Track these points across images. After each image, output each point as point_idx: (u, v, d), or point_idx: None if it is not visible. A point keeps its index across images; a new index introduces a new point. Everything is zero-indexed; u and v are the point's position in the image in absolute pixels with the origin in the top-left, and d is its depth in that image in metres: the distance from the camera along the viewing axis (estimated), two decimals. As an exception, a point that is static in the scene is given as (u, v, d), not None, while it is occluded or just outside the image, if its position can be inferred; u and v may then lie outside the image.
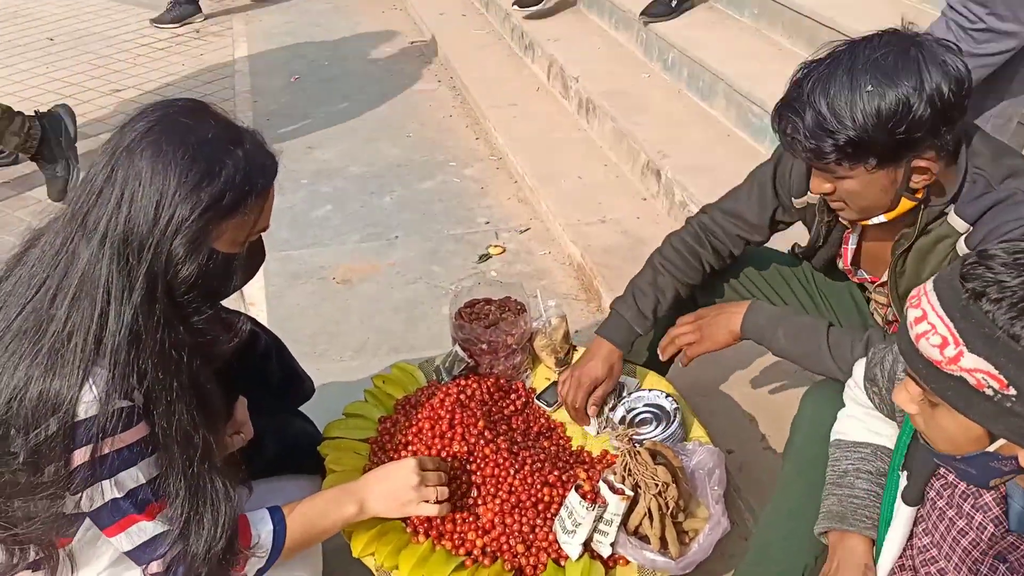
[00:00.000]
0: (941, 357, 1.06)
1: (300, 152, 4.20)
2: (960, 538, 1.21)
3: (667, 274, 1.94)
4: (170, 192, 1.23)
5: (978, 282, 1.03)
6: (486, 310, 2.13)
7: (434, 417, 1.85)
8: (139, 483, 1.29)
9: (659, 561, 1.58)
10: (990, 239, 1.44)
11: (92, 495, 1.27)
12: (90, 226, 1.24)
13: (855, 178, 1.46)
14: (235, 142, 1.30)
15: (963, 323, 1.04)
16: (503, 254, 3.33)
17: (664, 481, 1.64)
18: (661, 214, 3.35)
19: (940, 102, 1.37)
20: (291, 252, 3.36)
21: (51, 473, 1.23)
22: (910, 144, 1.40)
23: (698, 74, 3.81)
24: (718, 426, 2.20)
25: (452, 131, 4.44)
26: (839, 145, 1.39)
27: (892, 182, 1.46)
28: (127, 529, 1.30)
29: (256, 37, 5.83)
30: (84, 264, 1.24)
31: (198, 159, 1.25)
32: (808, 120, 1.40)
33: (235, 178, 1.27)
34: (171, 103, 1.33)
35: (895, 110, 1.36)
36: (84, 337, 1.22)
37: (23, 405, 1.21)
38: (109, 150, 1.27)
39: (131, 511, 1.29)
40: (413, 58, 5.46)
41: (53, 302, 1.24)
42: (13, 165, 4.10)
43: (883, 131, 1.37)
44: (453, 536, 1.66)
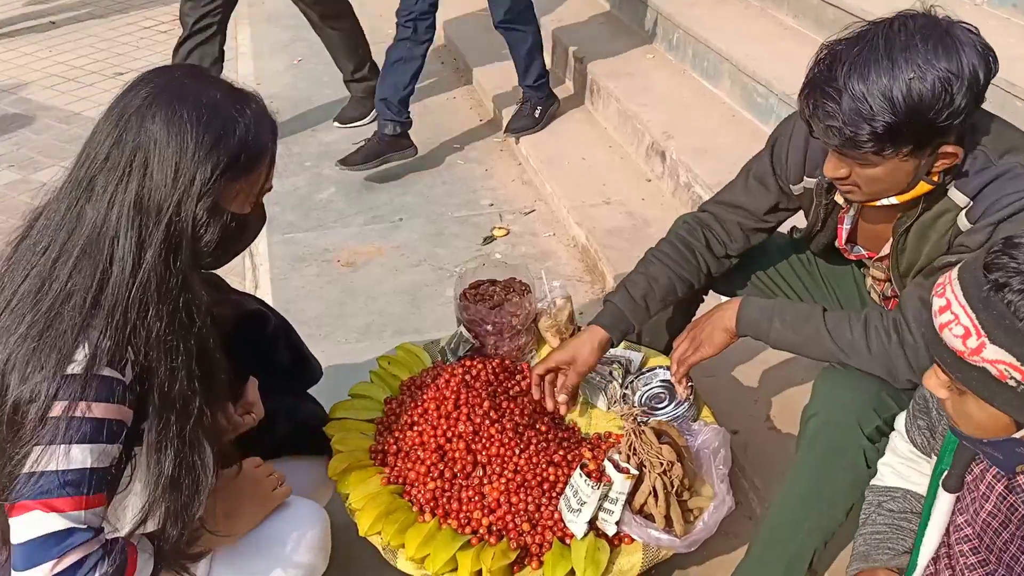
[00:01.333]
0: (964, 348, 1.06)
1: (304, 134, 4.20)
2: (991, 519, 1.21)
3: (658, 263, 1.89)
4: (188, 154, 1.23)
5: (1001, 272, 1.03)
6: (491, 291, 2.13)
7: (440, 398, 1.86)
8: (84, 466, 1.20)
9: (664, 539, 1.59)
10: (990, 212, 1.44)
11: (44, 456, 1.18)
12: (97, 190, 1.24)
13: (881, 165, 1.42)
14: (242, 103, 1.31)
15: (985, 314, 1.04)
16: (507, 236, 3.33)
17: (669, 460, 1.65)
18: (666, 195, 3.34)
19: (977, 87, 1.35)
20: (295, 235, 3.36)
21: (33, 414, 1.18)
22: (945, 130, 1.38)
23: (703, 54, 3.79)
24: (723, 406, 2.21)
25: (456, 113, 4.43)
26: (877, 133, 1.35)
27: (916, 168, 1.44)
28: (35, 511, 1.17)
29: (258, 19, 5.81)
30: (89, 227, 1.23)
31: (213, 120, 1.25)
32: (845, 106, 1.35)
33: (248, 137, 1.29)
34: (170, 68, 1.33)
35: (937, 96, 1.33)
36: (83, 297, 1.21)
37: (15, 370, 1.19)
38: (114, 115, 1.26)
39: (59, 494, 1.18)
40: (416, 40, 5.43)
41: (56, 264, 1.24)
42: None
43: (922, 118, 1.34)
44: (459, 515, 1.67)
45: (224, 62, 4.02)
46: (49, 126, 4.48)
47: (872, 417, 1.55)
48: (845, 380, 1.60)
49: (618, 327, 1.87)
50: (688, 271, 1.89)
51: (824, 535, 1.62)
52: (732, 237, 1.89)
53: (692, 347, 1.80)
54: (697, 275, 1.90)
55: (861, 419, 1.55)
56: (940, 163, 1.44)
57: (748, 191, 1.84)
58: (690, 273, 1.89)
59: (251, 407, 1.63)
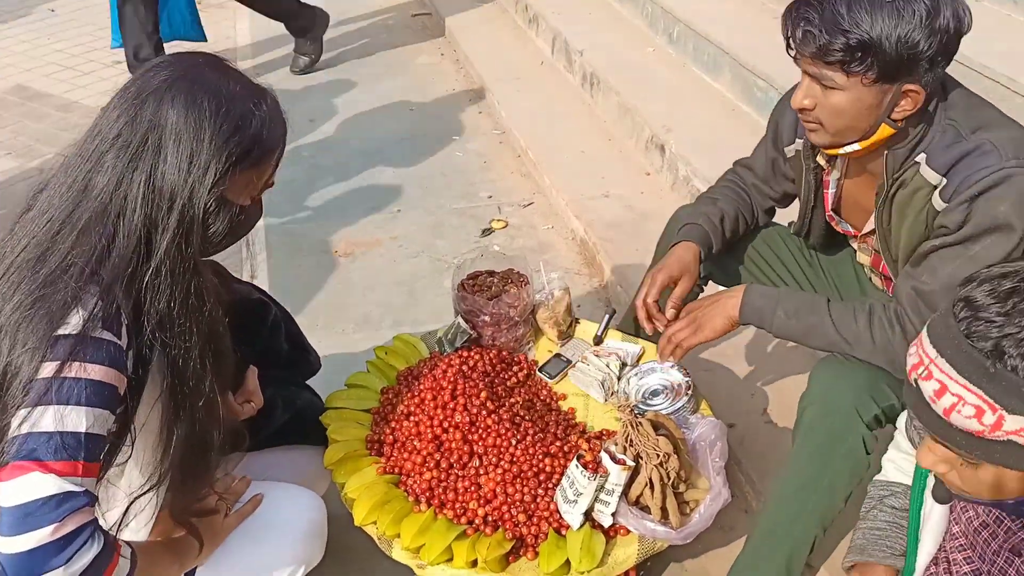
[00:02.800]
0: (981, 427, 1.00)
1: (301, 125, 4.18)
2: (981, 530, 1.20)
3: (720, 198, 1.98)
4: (204, 143, 1.23)
5: (988, 341, 0.98)
6: (489, 282, 2.13)
7: (436, 388, 1.86)
8: (81, 429, 1.14)
9: (660, 531, 1.59)
10: (962, 190, 1.47)
11: (32, 416, 1.12)
12: (106, 166, 1.23)
13: (847, 90, 1.47)
14: (259, 97, 1.32)
15: (992, 387, 0.98)
16: (506, 228, 3.33)
17: (665, 452, 1.64)
18: (664, 189, 3.34)
19: (946, 34, 1.42)
20: (293, 225, 3.36)
21: (24, 374, 1.15)
22: (911, 66, 1.43)
23: (703, 48, 3.78)
24: (720, 400, 2.21)
25: (455, 105, 4.42)
26: (850, 44, 1.41)
27: (879, 104, 1.48)
28: (32, 473, 1.10)
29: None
30: (96, 202, 1.23)
31: (231, 111, 1.26)
32: (826, 15, 1.42)
33: (262, 132, 1.30)
34: (193, 55, 1.33)
35: (912, 27, 1.40)
36: (81, 268, 1.20)
37: (6, 337, 1.18)
38: (131, 94, 1.26)
39: (55, 456, 1.11)
40: (416, 31, 5.42)
41: (59, 234, 1.23)
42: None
43: (893, 45, 1.40)
44: (455, 505, 1.67)
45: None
46: (47, 114, 4.46)
47: (870, 405, 1.55)
48: (841, 369, 1.60)
49: (704, 243, 1.91)
50: (744, 207, 1.98)
51: (823, 522, 1.62)
52: (752, 197, 1.99)
53: (690, 330, 1.77)
54: (752, 212, 2.00)
55: (859, 406, 1.55)
56: (902, 105, 1.48)
57: (758, 151, 1.96)
58: (746, 209, 1.98)
59: (251, 396, 1.63)
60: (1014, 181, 1.43)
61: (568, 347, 2.11)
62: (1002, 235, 1.45)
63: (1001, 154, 1.44)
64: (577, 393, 2.00)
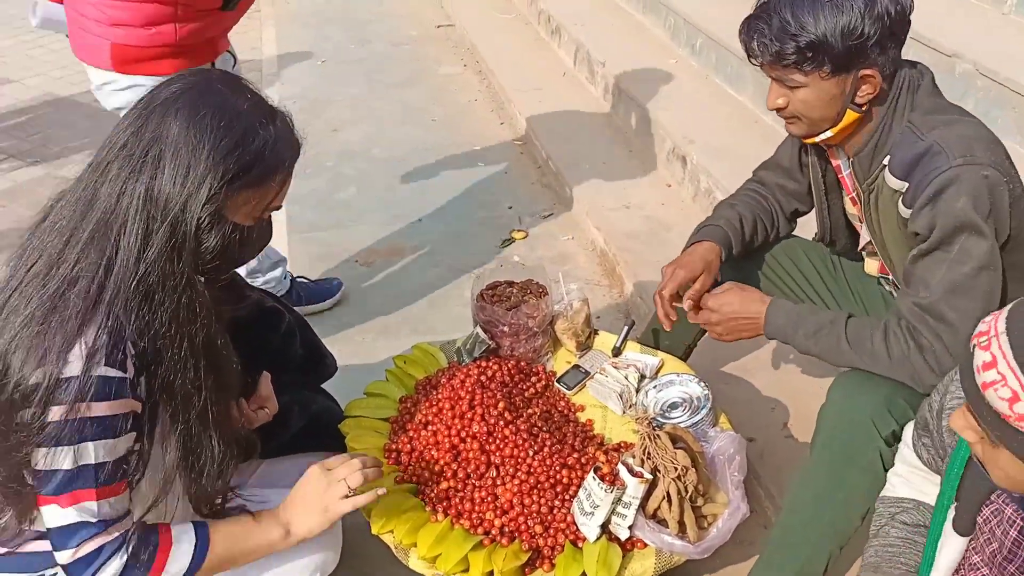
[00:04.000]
0: (1010, 412, 1.00)
1: (325, 134, 4.22)
2: (1006, 564, 1.18)
3: (739, 203, 2.00)
4: (202, 157, 1.23)
5: None
6: (508, 292, 2.13)
7: (454, 397, 1.86)
8: (94, 461, 1.23)
9: (677, 545, 1.58)
10: (918, 195, 1.53)
11: (49, 456, 1.22)
12: (111, 176, 1.25)
13: (809, 86, 1.57)
14: (268, 117, 1.32)
15: None
16: (526, 239, 3.33)
17: (684, 465, 1.64)
18: (686, 200, 3.33)
19: (888, 17, 1.51)
20: (315, 234, 3.38)
21: (26, 417, 1.21)
22: (861, 54, 1.52)
23: (726, 59, 3.77)
24: (740, 414, 2.19)
25: (477, 115, 4.44)
26: (800, 47, 1.52)
27: (841, 92, 1.57)
28: (54, 505, 1.25)
29: (283, 19, 5.85)
30: (100, 211, 1.24)
31: (233, 128, 1.26)
32: (774, 25, 1.54)
33: (265, 151, 1.29)
34: (207, 70, 1.35)
35: (850, 20, 1.49)
36: (90, 282, 1.22)
37: (15, 355, 1.20)
38: (140, 106, 1.28)
39: (73, 487, 1.23)
40: (439, 42, 5.45)
41: (66, 246, 1.25)
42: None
43: (839, 39, 1.50)
44: (472, 515, 1.67)
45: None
46: (76, 122, 4.52)
47: (888, 420, 1.54)
48: (861, 383, 1.59)
49: (724, 243, 1.93)
50: (763, 213, 2.00)
51: (839, 539, 1.60)
52: (776, 198, 2.00)
53: (720, 330, 1.81)
54: (772, 218, 2.01)
55: (877, 421, 1.54)
56: (863, 90, 1.57)
57: (783, 145, 1.98)
58: (765, 215, 2.00)
59: (265, 402, 1.64)
60: (962, 180, 1.48)
61: (587, 358, 2.11)
62: (972, 232, 1.49)
63: (948, 154, 1.50)
64: (595, 405, 2.00)
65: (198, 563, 1.34)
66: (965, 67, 2.83)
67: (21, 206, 3.68)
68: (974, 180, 1.47)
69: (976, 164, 1.48)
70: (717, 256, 1.91)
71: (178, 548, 1.33)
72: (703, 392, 1.93)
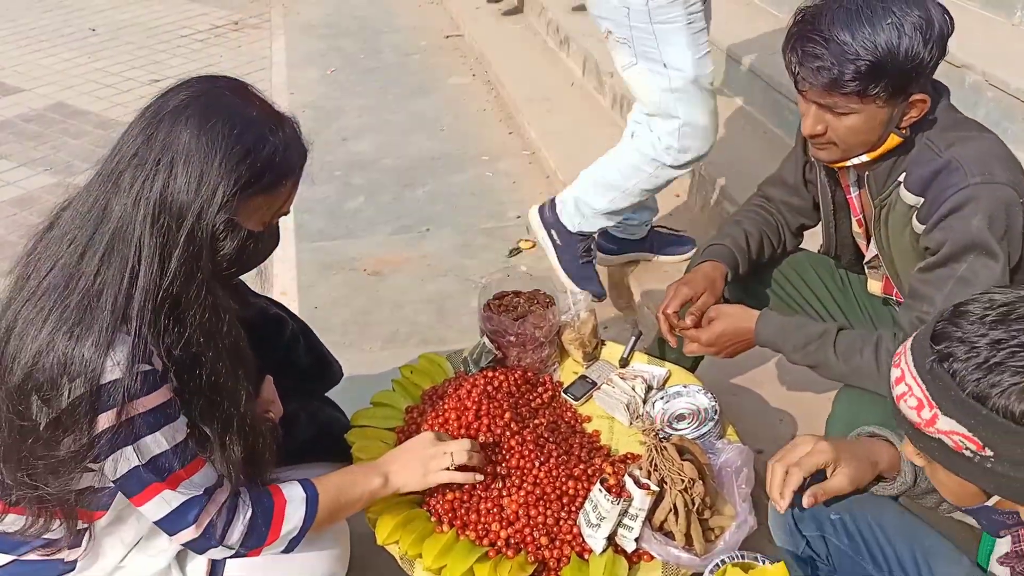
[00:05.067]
0: (919, 419, 1.05)
1: (334, 144, 4.23)
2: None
3: (744, 220, 1.98)
4: (214, 164, 1.24)
5: (946, 343, 1.02)
6: (515, 302, 2.13)
7: (460, 407, 1.86)
8: (163, 449, 1.29)
9: (684, 557, 1.57)
10: (933, 211, 1.50)
11: (117, 462, 1.27)
12: (124, 186, 1.25)
13: (861, 112, 1.50)
14: (277, 123, 1.33)
15: (933, 385, 1.02)
16: (534, 249, 3.33)
17: (690, 477, 1.62)
18: (695, 212, 3.33)
19: (942, 40, 1.46)
20: (323, 243, 3.38)
21: (72, 441, 1.24)
22: (917, 77, 1.47)
23: (735, 71, 3.77)
24: (748, 426, 2.18)
25: (486, 125, 4.45)
26: (861, 72, 1.43)
27: (890, 118, 1.52)
28: (152, 499, 1.31)
29: (293, 30, 5.88)
30: (116, 222, 1.25)
31: (244, 135, 1.27)
32: (832, 49, 1.45)
33: (275, 158, 1.30)
34: (215, 78, 1.35)
35: (913, 40, 1.43)
36: (115, 294, 1.23)
37: (46, 366, 1.22)
38: (149, 114, 1.28)
39: (153, 480, 1.29)
40: (448, 52, 5.47)
41: (83, 258, 1.26)
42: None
43: (900, 61, 1.44)
44: (477, 527, 1.66)
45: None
46: (86, 131, 4.56)
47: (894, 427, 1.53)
48: (865, 393, 1.59)
49: (730, 262, 1.92)
50: (769, 229, 1.98)
51: None
52: (781, 214, 1.99)
53: (713, 349, 1.81)
54: (778, 234, 1.99)
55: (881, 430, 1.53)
56: (910, 114, 1.53)
57: (787, 161, 1.96)
58: (771, 230, 1.98)
59: (269, 405, 1.64)
60: (980, 199, 1.46)
61: (593, 369, 2.10)
62: (982, 252, 1.47)
63: (966, 171, 1.47)
64: (602, 416, 1.99)
65: (311, 517, 1.43)
66: (975, 78, 2.82)
67: (32, 214, 3.70)
68: (991, 199, 1.46)
69: (994, 183, 1.47)
70: (721, 275, 1.89)
71: (292, 505, 1.42)
72: (710, 404, 1.92)
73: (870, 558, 1.42)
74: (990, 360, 0.97)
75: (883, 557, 1.41)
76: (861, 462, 1.41)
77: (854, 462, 1.41)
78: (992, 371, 0.97)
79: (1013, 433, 0.97)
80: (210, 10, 6.46)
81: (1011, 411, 0.96)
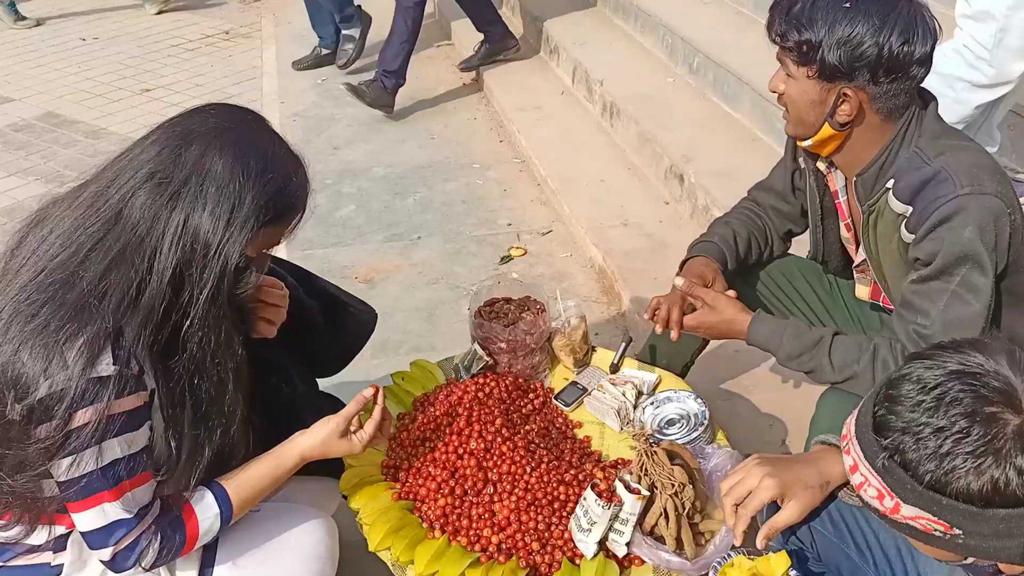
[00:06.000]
0: (882, 507, 1.06)
1: (325, 153, 4.24)
2: None
3: (733, 220, 2.01)
4: (247, 200, 1.28)
5: (891, 435, 1.03)
6: (505, 309, 2.14)
7: (452, 414, 1.86)
8: (121, 455, 1.29)
9: (674, 562, 1.58)
10: (922, 221, 1.51)
11: (79, 461, 1.26)
12: (142, 199, 1.27)
13: (797, 80, 1.58)
14: (297, 165, 1.39)
15: (888, 478, 1.04)
16: (525, 256, 3.34)
17: (681, 482, 1.63)
18: (684, 218, 3.34)
19: (887, 52, 1.49)
20: (314, 251, 3.39)
21: (46, 431, 1.23)
22: (849, 69, 1.52)
23: (723, 78, 3.80)
24: (738, 430, 2.19)
25: (476, 133, 4.46)
26: (800, 39, 1.53)
27: (822, 101, 1.57)
28: (92, 508, 1.30)
29: (284, 39, 5.88)
30: (130, 232, 1.26)
31: (275, 175, 1.32)
32: (794, 10, 1.55)
33: (295, 199, 1.37)
34: (240, 109, 1.38)
35: (853, 32, 1.49)
36: (119, 300, 1.24)
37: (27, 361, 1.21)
38: (177, 133, 1.30)
39: (103, 488, 1.29)
40: (439, 61, 5.49)
41: (87, 257, 1.26)
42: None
43: (834, 44, 1.50)
44: (469, 532, 1.66)
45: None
46: (76, 140, 4.55)
47: None
48: (847, 396, 1.60)
49: (719, 259, 1.94)
50: (756, 231, 2.01)
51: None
52: (770, 219, 2.01)
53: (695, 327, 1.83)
54: (766, 237, 2.02)
55: None
56: (843, 108, 1.56)
57: (777, 168, 1.99)
58: (759, 232, 2.01)
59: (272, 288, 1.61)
60: (969, 210, 1.47)
61: (584, 375, 2.11)
62: (975, 264, 1.49)
63: (955, 182, 1.49)
64: (593, 421, 2.00)
65: (228, 515, 1.43)
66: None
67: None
68: (981, 210, 1.47)
69: (984, 194, 1.48)
70: (714, 271, 1.91)
71: (203, 512, 1.41)
72: (700, 409, 1.93)
73: (854, 545, 1.43)
74: (939, 450, 0.98)
75: (866, 544, 1.42)
76: (810, 489, 1.41)
77: (802, 492, 1.41)
78: (944, 459, 0.98)
79: (977, 515, 0.99)
80: (201, 20, 6.47)
81: (970, 494, 0.98)
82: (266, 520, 1.51)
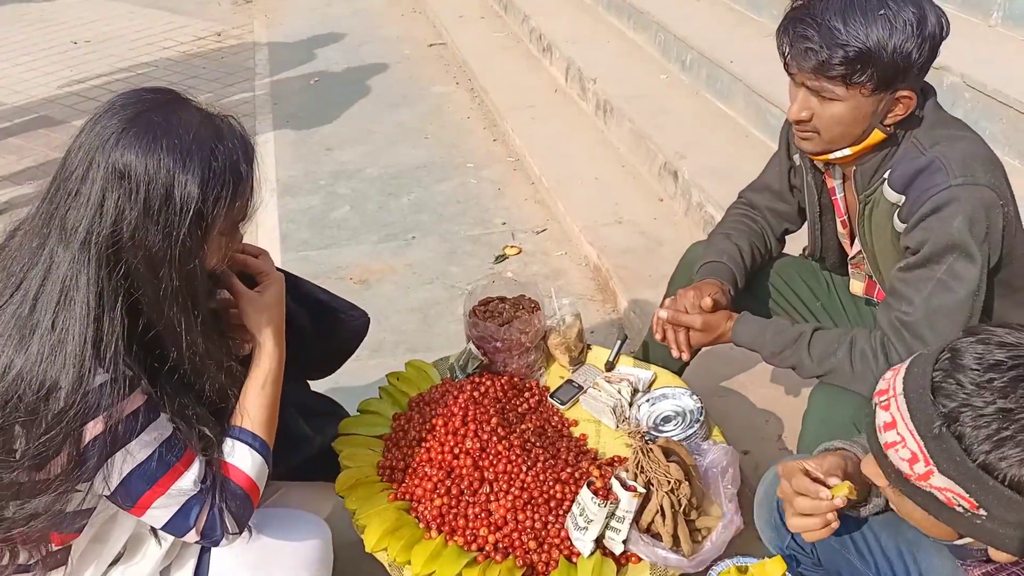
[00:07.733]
0: (910, 472, 1.04)
1: (319, 154, 4.23)
2: None
3: (733, 233, 1.97)
4: (175, 196, 1.21)
5: (951, 404, 1.00)
6: (500, 308, 2.13)
7: (447, 414, 1.86)
8: (151, 451, 1.27)
9: (671, 559, 1.58)
10: (914, 210, 1.50)
11: (107, 475, 1.25)
12: (68, 228, 1.22)
13: (846, 100, 1.50)
14: (217, 133, 1.28)
15: (934, 445, 1.01)
16: (520, 255, 3.34)
17: (677, 479, 1.63)
18: (678, 215, 3.34)
19: (933, 39, 1.46)
20: (309, 252, 3.38)
21: (60, 464, 1.21)
22: (905, 72, 1.47)
23: (717, 75, 3.80)
24: (734, 427, 2.19)
25: (470, 133, 4.46)
26: (849, 57, 1.44)
27: (874, 112, 1.52)
28: (155, 502, 1.30)
29: (277, 39, 5.88)
30: (65, 270, 1.21)
31: (191, 149, 1.22)
32: (823, 32, 1.46)
33: (228, 171, 1.26)
34: (140, 96, 1.29)
35: (903, 36, 1.44)
36: (82, 337, 1.21)
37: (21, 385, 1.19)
38: (84, 147, 1.25)
39: (145, 489, 1.28)
40: (432, 61, 5.49)
41: (34, 309, 1.22)
42: None
43: (889, 54, 1.44)
44: (465, 532, 1.66)
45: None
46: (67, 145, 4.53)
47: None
48: (839, 391, 1.61)
49: (730, 281, 1.90)
50: (756, 239, 1.98)
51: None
52: (767, 220, 1.99)
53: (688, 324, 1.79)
54: (765, 242, 1.99)
55: (856, 421, 1.55)
56: (895, 111, 1.53)
57: (771, 167, 1.96)
58: (759, 240, 1.98)
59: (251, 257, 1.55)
60: (961, 200, 1.46)
61: (580, 373, 2.11)
62: (962, 254, 1.48)
63: (948, 171, 1.48)
64: (588, 419, 2.00)
65: (260, 444, 1.42)
66: (953, 79, 2.85)
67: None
68: (972, 201, 1.46)
69: (976, 184, 1.47)
70: (725, 292, 1.85)
71: (238, 459, 1.39)
72: (696, 405, 1.93)
73: (855, 550, 1.43)
74: (1001, 433, 0.96)
75: (868, 549, 1.42)
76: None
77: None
78: (1003, 444, 0.96)
79: (1014, 501, 0.98)
80: (193, 21, 6.46)
81: (1020, 483, 0.96)
82: (259, 526, 1.50)
